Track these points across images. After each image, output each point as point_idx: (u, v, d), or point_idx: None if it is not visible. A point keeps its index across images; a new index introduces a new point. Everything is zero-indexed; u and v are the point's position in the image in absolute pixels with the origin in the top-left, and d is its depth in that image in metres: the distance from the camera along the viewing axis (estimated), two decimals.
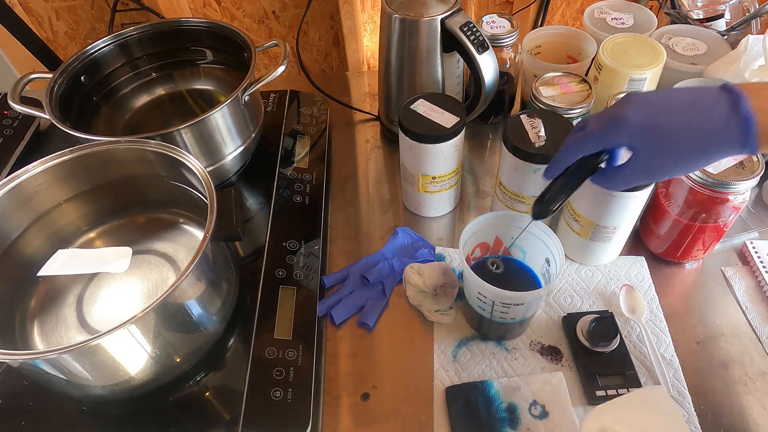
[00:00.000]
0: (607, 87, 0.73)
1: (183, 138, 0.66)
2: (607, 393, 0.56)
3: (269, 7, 1.10)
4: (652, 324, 0.63)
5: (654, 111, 0.42)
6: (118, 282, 0.62)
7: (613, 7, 0.87)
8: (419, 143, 0.66)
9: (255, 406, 0.54)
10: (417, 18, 0.70)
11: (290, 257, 0.67)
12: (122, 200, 0.68)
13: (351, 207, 0.79)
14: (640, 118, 0.42)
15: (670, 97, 0.43)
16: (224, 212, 0.56)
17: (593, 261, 0.69)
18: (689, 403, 0.56)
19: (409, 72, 0.76)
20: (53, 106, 0.68)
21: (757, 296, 0.65)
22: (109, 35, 0.78)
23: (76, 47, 1.11)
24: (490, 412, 0.56)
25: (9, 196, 0.58)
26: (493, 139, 0.89)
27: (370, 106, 0.95)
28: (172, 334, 0.53)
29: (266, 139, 0.83)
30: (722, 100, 0.40)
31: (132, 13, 1.06)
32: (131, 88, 0.84)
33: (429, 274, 0.66)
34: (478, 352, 0.61)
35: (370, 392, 0.59)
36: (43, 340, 0.58)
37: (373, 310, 0.65)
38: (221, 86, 0.87)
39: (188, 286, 0.51)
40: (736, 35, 0.81)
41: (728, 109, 0.39)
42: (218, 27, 0.79)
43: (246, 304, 0.64)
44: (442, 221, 0.76)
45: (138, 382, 0.53)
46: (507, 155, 0.64)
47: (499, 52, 0.80)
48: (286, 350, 0.58)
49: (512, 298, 0.54)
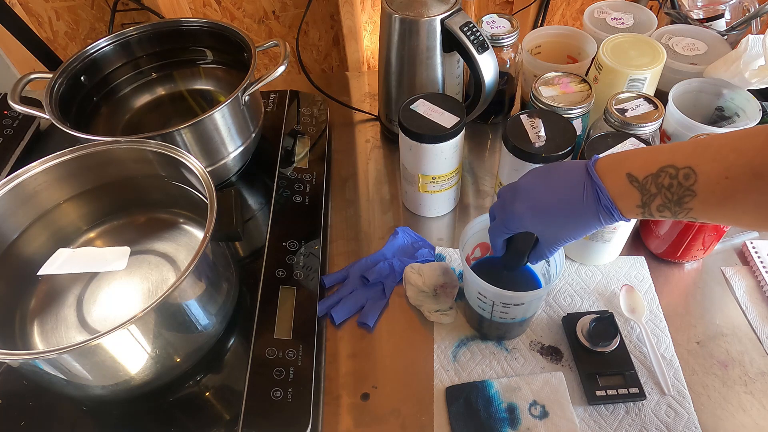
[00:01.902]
0: (607, 87, 0.73)
1: (183, 138, 0.66)
2: (607, 393, 0.56)
3: (269, 7, 1.10)
4: (652, 324, 0.63)
5: (536, 205, 0.48)
6: (118, 282, 0.62)
7: (613, 7, 0.87)
8: (419, 143, 0.66)
9: (255, 406, 0.54)
10: (417, 18, 0.70)
11: (290, 257, 0.67)
12: (122, 200, 0.68)
13: (351, 207, 0.79)
14: (527, 213, 0.49)
15: (546, 188, 0.48)
16: (224, 212, 0.56)
17: (593, 261, 0.69)
18: (689, 403, 0.56)
19: (409, 72, 0.76)
20: (53, 106, 0.68)
21: (757, 296, 0.65)
22: (109, 35, 0.78)
23: (76, 47, 1.11)
24: (490, 412, 0.56)
25: (9, 195, 0.58)
26: (493, 139, 0.89)
27: (370, 106, 0.95)
28: (172, 334, 0.53)
29: (266, 139, 0.83)
30: (589, 192, 0.45)
31: (132, 13, 1.06)
32: (131, 88, 0.84)
33: (429, 274, 0.66)
34: (478, 352, 0.61)
35: (370, 392, 0.59)
36: (43, 340, 0.58)
37: (373, 310, 0.65)
38: (221, 86, 0.87)
39: (188, 286, 0.51)
40: (736, 35, 0.81)
41: (594, 201, 0.45)
42: (218, 27, 0.79)
43: (246, 304, 0.64)
44: (442, 221, 0.76)
45: (138, 382, 0.53)
46: (507, 155, 0.64)
47: (499, 52, 0.80)
48: (286, 350, 0.58)
49: (512, 298, 0.54)
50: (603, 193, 0.44)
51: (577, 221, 0.47)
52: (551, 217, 0.48)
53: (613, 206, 0.44)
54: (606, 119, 0.66)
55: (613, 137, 0.62)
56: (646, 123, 0.63)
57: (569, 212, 0.47)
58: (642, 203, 0.43)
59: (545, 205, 0.48)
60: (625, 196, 0.43)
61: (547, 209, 0.48)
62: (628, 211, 0.44)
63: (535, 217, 0.48)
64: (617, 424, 0.55)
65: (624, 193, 0.43)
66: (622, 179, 0.43)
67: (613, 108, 0.65)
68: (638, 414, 0.56)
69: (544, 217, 0.48)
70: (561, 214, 0.47)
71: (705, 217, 0.41)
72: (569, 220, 0.47)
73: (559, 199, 0.47)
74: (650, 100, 0.66)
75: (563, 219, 0.47)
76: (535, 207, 0.48)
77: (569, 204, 0.46)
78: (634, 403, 0.57)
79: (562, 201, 0.47)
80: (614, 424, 0.55)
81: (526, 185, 0.49)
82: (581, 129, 0.71)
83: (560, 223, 0.48)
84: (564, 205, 0.47)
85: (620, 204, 0.44)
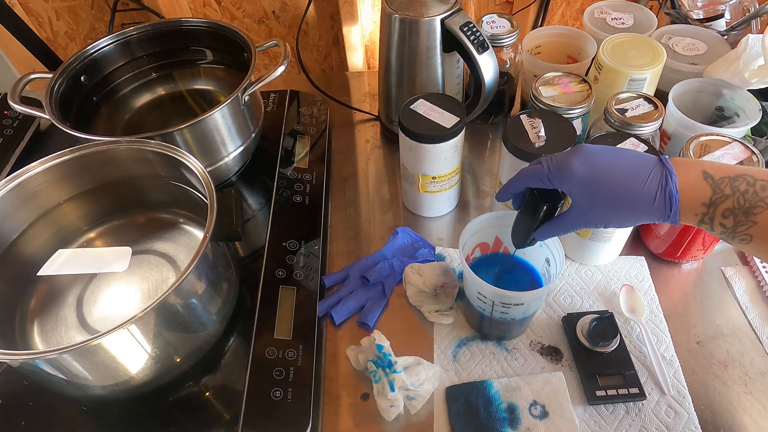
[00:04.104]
0: (607, 87, 0.73)
1: (183, 138, 0.66)
2: (607, 393, 0.56)
3: (269, 7, 1.10)
4: (652, 324, 0.63)
5: (596, 169, 0.45)
6: (118, 282, 0.62)
7: (613, 7, 0.87)
8: (419, 143, 0.66)
9: (255, 406, 0.54)
10: (417, 18, 0.70)
11: (290, 257, 0.67)
12: (122, 200, 0.68)
13: (351, 207, 0.79)
14: (583, 172, 0.45)
15: (614, 159, 0.46)
16: (224, 212, 0.56)
17: (593, 261, 0.69)
18: (689, 403, 0.56)
19: (409, 72, 0.76)
20: (53, 106, 0.68)
21: (757, 296, 0.65)
22: (109, 35, 0.78)
23: (76, 47, 1.11)
24: (490, 412, 0.56)
25: (9, 195, 0.58)
26: (493, 139, 0.89)
27: (370, 106, 0.95)
28: (172, 334, 0.53)
29: (266, 139, 0.83)
30: (656, 173, 0.43)
31: (132, 13, 1.06)
32: (131, 88, 0.84)
33: (429, 274, 0.66)
34: (478, 352, 0.61)
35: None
36: (43, 340, 0.58)
37: (373, 310, 0.65)
38: (221, 86, 0.87)
39: (188, 286, 0.51)
40: (736, 35, 0.81)
41: (659, 183, 0.43)
42: (218, 27, 0.79)
43: (246, 304, 0.64)
44: (442, 221, 0.76)
45: (138, 382, 0.53)
46: (507, 155, 0.64)
47: (499, 52, 0.80)
48: (286, 350, 0.58)
49: (512, 298, 0.54)
50: (672, 179, 0.42)
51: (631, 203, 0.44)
52: (605, 186, 0.44)
53: (676, 197, 0.42)
54: (606, 119, 0.66)
55: (613, 137, 0.62)
56: (646, 123, 0.63)
57: (627, 187, 0.43)
58: (710, 202, 0.41)
59: (604, 170, 0.44)
60: (694, 189, 0.42)
61: (604, 176, 0.44)
62: (689, 208, 0.42)
63: (588, 178, 0.45)
64: (617, 424, 0.55)
65: (694, 187, 0.42)
66: (697, 173, 0.42)
67: (613, 108, 0.65)
68: (638, 414, 0.56)
69: (597, 184, 0.44)
70: (618, 187, 0.44)
71: (764, 238, 0.41)
72: (623, 197, 0.44)
73: (623, 171, 0.44)
74: (650, 100, 0.66)
75: (617, 193, 0.44)
76: (593, 167, 0.45)
77: (632, 178, 0.43)
78: (634, 403, 0.57)
79: (624, 173, 0.44)
80: (614, 424, 0.55)
81: (593, 147, 0.47)
82: (581, 129, 0.71)
83: (611, 196, 0.44)
84: (624, 178, 0.44)
85: (685, 197, 0.42)
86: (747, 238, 0.41)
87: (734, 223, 0.41)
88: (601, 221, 0.46)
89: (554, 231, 0.50)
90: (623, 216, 0.45)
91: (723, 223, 0.41)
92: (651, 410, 0.56)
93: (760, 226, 0.40)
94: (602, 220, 0.46)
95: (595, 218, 0.46)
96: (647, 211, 0.43)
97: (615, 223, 0.46)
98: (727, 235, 0.42)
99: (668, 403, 0.57)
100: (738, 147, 0.60)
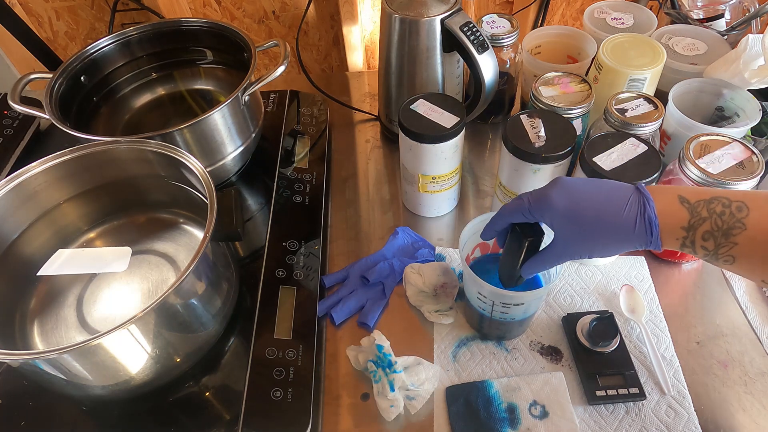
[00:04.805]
0: (607, 87, 0.73)
1: (183, 138, 0.66)
2: (607, 393, 0.56)
3: (269, 7, 1.10)
4: (652, 324, 0.63)
5: (575, 199, 0.46)
6: (118, 282, 0.62)
7: (613, 7, 0.87)
8: (419, 143, 0.66)
9: (255, 406, 0.54)
10: (417, 18, 0.71)
11: (290, 257, 0.67)
12: (122, 200, 0.68)
13: (351, 207, 0.79)
14: (563, 203, 0.46)
15: (592, 189, 0.46)
16: (224, 212, 0.56)
17: (593, 261, 0.69)
18: (689, 403, 0.56)
19: (409, 72, 0.76)
20: (53, 106, 0.68)
21: (757, 296, 0.65)
22: (109, 35, 0.78)
23: (76, 47, 1.11)
24: (490, 412, 0.56)
25: (9, 195, 0.58)
26: (493, 139, 0.89)
27: (370, 106, 0.95)
28: (172, 334, 0.53)
29: (266, 139, 0.83)
30: (634, 200, 0.44)
31: (132, 13, 1.06)
32: (131, 88, 0.84)
33: (429, 274, 0.66)
34: (478, 352, 0.61)
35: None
36: (43, 340, 0.58)
37: (373, 310, 0.65)
38: (221, 86, 0.87)
39: (188, 286, 0.51)
40: (736, 35, 0.81)
41: (637, 210, 0.43)
42: (218, 27, 0.79)
43: (246, 304, 0.64)
44: (442, 221, 0.76)
45: (138, 382, 0.53)
46: (507, 155, 0.64)
47: (499, 52, 0.80)
48: (286, 350, 0.58)
49: (512, 298, 0.54)
50: (650, 205, 0.43)
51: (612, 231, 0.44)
52: (585, 215, 0.45)
53: (656, 222, 0.43)
54: (606, 119, 0.66)
55: (613, 137, 0.62)
56: (646, 123, 0.63)
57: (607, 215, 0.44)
58: (689, 225, 0.42)
59: (583, 199, 0.45)
60: (672, 214, 0.42)
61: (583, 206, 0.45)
62: (669, 232, 0.43)
63: (568, 209, 0.45)
64: (617, 424, 0.55)
65: (672, 212, 0.42)
66: (673, 198, 0.43)
67: (613, 108, 0.65)
68: (638, 414, 0.56)
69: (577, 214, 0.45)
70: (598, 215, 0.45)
71: (747, 258, 0.41)
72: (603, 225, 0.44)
73: (601, 200, 0.45)
74: (650, 100, 0.66)
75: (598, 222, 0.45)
76: (572, 198, 0.46)
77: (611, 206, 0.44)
78: (634, 403, 0.57)
79: (603, 202, 0.45)
80: (614, 424, 0.55)
81: (570, 179, 0.48)
82: (581, 129, 0.71)
83: (592, 225, 0.45)
84: (603, 207, 0.45)
85: (664, 222, 0.43)
86: (730, 259, 0.42)
87: (715, 245, 0.41)
88: (585, 251, 0.47)
89: (539, 266, 0.50)
90: (605, 244, 0.46)
91: (704, 246, 0.42)
92: (651, 410, 0.56)
93: (741, 247, 0.40)
94: (586, 250, 0.47)
95: (578, 249, 0.47)
96: (628, 238, 0.44)
97: (598, 253, 0.47)
98: (710, 257, 0.42)
99: (668, 403, 0.57)
100: (738, 147, 0.60)
